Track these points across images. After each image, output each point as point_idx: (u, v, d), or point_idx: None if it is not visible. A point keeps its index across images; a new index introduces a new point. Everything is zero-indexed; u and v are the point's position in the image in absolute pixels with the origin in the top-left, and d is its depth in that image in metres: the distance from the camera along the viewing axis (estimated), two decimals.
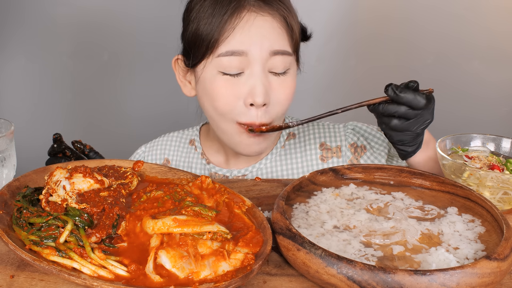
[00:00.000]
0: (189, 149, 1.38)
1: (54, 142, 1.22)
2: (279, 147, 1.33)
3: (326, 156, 1.31)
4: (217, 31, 1.10)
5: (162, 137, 1.43)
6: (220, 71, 1.12)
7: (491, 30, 2.43)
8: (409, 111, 1.00)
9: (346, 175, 1.03)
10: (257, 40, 1.10)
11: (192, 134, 1.40)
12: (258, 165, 1.31)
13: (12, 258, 0.82)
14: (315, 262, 0.73)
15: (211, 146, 1.35)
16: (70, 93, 2.59)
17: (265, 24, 1.11)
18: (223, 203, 0.91)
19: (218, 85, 1.13)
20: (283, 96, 1.15)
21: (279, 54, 1.12)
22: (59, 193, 0.85)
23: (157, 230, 0.79)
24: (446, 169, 1.06)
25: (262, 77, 1.11)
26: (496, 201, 1.01)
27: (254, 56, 1.10)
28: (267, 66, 1.12)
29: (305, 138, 1.34)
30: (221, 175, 1.32)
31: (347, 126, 1.35)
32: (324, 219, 0.88)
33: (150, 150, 1.41)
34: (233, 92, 1.12)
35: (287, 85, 1.15)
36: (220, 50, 1.11)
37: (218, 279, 0.73)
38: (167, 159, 1.39)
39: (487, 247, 0.81)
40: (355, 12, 2.51)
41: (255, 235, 0.82)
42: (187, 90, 1.25)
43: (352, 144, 1.32)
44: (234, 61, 1.10)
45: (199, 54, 1.14)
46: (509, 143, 1.13)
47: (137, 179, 0.96)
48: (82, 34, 2.50)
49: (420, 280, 0.68)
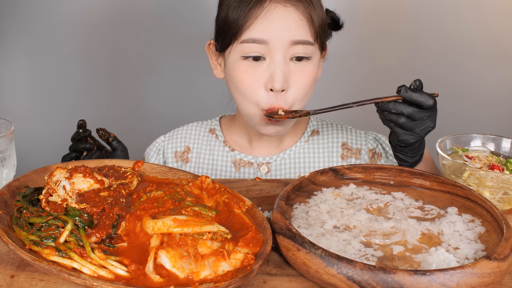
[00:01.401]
0: (210, 137, 1.42)
1: (79, 127, 1.24)
2: (303, 141, 1.39)
3: (347, 155, 1.39)
4: (242, 19, 1.17)
5: (181, 127, 1.47)
6: (242, 56, 1.19)
7: (492, 30, 2.43)
8: (416, 112, 1.05)
9: (346, 175, 1.03)
10: (277, 30, 1.16)
11: (211, 124, 1.45)
12: (282, 154, 1.38)
13: (12, 258, 0.82)
14: (315, 262, 0.73)
15: (234, 132, 1.41)
16: (70, 93, 2.59)
17: (286, 15, 1.16)
18: (223, 203, 0.91)
19: (240, 70, 1.19)
20: (301, 82, 1.20)
21: (300, 44, 1.18)
22: (59, 193, 0.85)
23: (157, 230, 0.79)
24: (446, 169, 1.06)
25: (282, 64, 1.17)
26: (496, 201, 1.01)
27: (275, 45, 1.16)
28: (288, 54, 1.18)
29: (328, 136, 1.41)
30: (246, 161, 1.37)
31: (368, 134, 1.42)
32: (324, 219, 0.88)
33: (170, 139, 1.44)
34: (254, 77, 1.18)
35: (306, 71, 1.20)
36: (243, 37, 1.17)
37: (218, 279, 0.73)
38: (188, 146, 1.42)
39: (487, 247, 0.81)
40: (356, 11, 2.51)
41: (255, 235, 0.82)
42: (217, 72, 1.32)
43: (371, 149, 1.39)
44: (255, 47, 1.17)
45: (226, 39, 1.21)
46: (509, 143, 1.13)
47: (137, 179, 0.96)
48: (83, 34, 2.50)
49: (420, 280, 0.68)
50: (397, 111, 1.06)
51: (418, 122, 1.06)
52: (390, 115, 1.08)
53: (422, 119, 1.06)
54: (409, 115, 1.05)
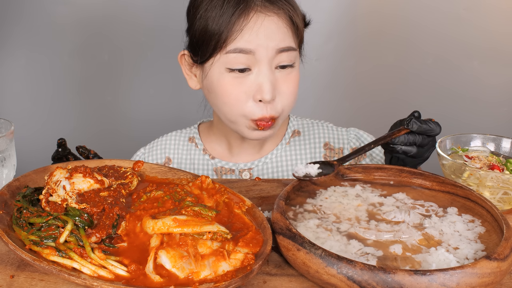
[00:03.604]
0: (189, 146, 1.40)
1: (59, 146, 1.24)
2: (284, 143, 1.37)
3: (330, 155, 1.37)
4: (225, 30, 1.14)
5: (160, 138, 1.45)
6: (228, 68, 1.16)
7: (491, 31, 2.43)
8: (425, 139, 1.09)
9: (346, 175, 1.03)
10: (264, 41, 1.14)
11: (190, 132, 1.42)
12: (264, 159, 1.35)
13: (12, 258, 0.82)
14: (315, 262, 0.73)
15: (213, 140, 1.38)
16: (70, 93, 2.59)
17: (271, 25, 1.15)
18: (223, 203, 0.91)
19: (226, 82, 1.17)
20: (290, 90, 1.19)
21: (284, 51, 1.17)
22: (59, 193, 0.85)
23: (157, 230, 0.79)
24: (446, 169, 1.06)
25: (269, 74, 1.16)
26: (496, 201, 1.01)
27: (261, 56, 1.15)
28: (274, 63, 1.17)
29: (309, 137, 1.39)
30: (227, 169, 1.35)
31: (349, 131, 1.40)
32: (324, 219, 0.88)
33: (150, 151, 1.42)
34: (241, 89, 1.16)
35: (291, 78, 1.20)
36: (228, 48, 1.15)
37: (218, 279, 0.73)
38: (168, 157, 1.40)
39: (487, 247, 0.81)
40: (354, 11, 2.51)
41: (255, 235, 0.82)
42: (192, 83, 1.29)
43: (353, 148, 1.37)
44: (241, 58, 1.15)
45: (207, 51, 1.18)
46: (509, 143, 1.13)
47: (137, 179, 0.96)
48: (82, 34, 2.50)
49: (420, 280, 0.68)
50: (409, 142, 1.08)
51: (426, 147, 1.09)
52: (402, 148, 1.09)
53: (428, 144, 1.09)
54: (420, 144, 1.08)
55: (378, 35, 2.51)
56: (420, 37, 2.48)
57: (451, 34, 2.46)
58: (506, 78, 2.48)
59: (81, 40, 2.50)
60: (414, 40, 2.49)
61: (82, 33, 2.49)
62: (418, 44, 2.49)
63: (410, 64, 2.51)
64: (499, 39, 2.44)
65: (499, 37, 2.44)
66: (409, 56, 2.51)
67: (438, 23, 2.45)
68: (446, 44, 2.47)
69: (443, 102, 2.49)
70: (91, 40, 2.50)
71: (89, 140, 1.75)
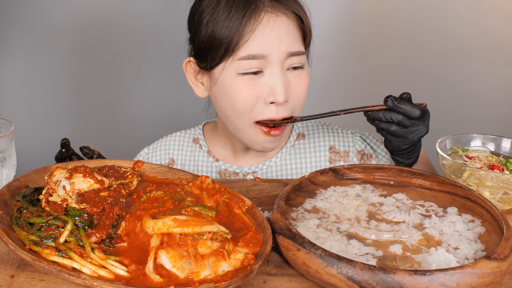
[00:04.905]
0: (194, 147, 1.38)
1: (62, 147, 1.22)
2: (288, 147, 1.36)
3: (334, 159, 1.36)
4: (236, 34, 1.12)
5: (164, 138, 1.43)
6: (240, 73, 1.14)
7: (491, 30, 2.43)
8: (405, 120, 1.08)
9: (346, 175, 1.03)
10: (275, 43, 1.13)
11: (195, 133, 1.41)
12: (268, 162, 1.34)
13: (12, 258, 0.82)
14: (315, 262, 0.73)
15: (218, 143, 1.37)
16: (70, 93, 2.59)
17: (281, 26, 1.14)
18: (223, 203, 0.91)
19: (239, 86, 1.15)
20: (301, 90, 1.20)
21: (295, 55, 1.17)
22: (59, 193, 0.85)
23: (157, 230, 0.79)
24: (446, 169, 1.06)
25: (281, 76, 1.15)
26: (496, 201, 1.01)
27: (273, 58, 1.14)
28: (285, 65, 1.16)
29: (314, 140, 1.37)
30: (232, 172, 1.34)
31: (355, 134, 1.39)
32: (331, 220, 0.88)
33: (153, 151, 1.41)
34: (254, 92, 1.15)
35: (303, 79, 1.20)
36: (240, 54, 1.13)
37: (218, 279, 0.73)
38: (172, 158, 1.39)
39: (487, 247, 0.81)
40: (355, 12, 2.51)
41: (255, 235, 0.82)
42: (199, 92, 1.26)
43: (359, 151, 1.36)
44: (255, 63, 1.14)
45: (216, 57, 1.16)
46: (509, 143, 1.13)
47: (137, 179, 0.96)
48: (82, 34, 2.50)
49: (420, 280, 0.68)
50: (387, 119, 1.08)
51: (409, 128, 1.08)
52: (381, 124, 1.10)
53: (413, 126, 1.08)
54: (399, 123, 1.07)
55: (379, 36, 2.51)
56: (421, 36, 2.48)
57: (452, 34, 2.46)
58: (506, 77, 2.48)
59: (81, 41, 2.51)
60: (414, 39, 2.49)
61: (82, 34, 2.50)
62: (419, 44, 2.49)
63: (410, 63, 2.51)
64: (500, 38, 2.44)
65: (500, 36, 2.44)
66: (410, 55, 2.51)
67: (438, 22, 2.45)
68: (446, 44, 2.47)
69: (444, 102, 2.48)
70: (91, 40, 2.50)
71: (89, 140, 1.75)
